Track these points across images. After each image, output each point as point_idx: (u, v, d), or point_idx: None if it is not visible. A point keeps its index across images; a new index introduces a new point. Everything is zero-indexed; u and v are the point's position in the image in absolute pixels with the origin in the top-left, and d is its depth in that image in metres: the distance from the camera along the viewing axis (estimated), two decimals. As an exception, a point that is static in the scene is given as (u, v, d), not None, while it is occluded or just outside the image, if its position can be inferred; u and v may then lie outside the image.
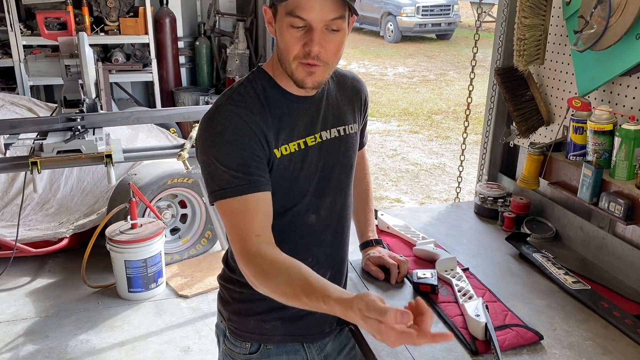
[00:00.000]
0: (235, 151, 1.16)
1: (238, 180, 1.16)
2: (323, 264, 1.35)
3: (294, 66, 1.17)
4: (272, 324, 1.33)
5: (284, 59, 1.18)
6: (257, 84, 1.24)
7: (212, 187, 1.19)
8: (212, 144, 1.17)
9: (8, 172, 3.46)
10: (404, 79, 10.25)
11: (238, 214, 1.17)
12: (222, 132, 1.16)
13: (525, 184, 1.85)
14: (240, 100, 1.20)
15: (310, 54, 1.14)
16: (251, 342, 1.35)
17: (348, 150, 1.36)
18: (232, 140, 1.16)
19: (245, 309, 1.34)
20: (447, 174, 5.71)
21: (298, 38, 1.14)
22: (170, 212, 3.58)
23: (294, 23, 1.13)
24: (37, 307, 3.19)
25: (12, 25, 4.61)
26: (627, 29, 1.46)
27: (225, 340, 1.38)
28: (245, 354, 1.35)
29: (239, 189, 1.16)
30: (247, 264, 1.16)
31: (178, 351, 2.85)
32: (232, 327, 1.36)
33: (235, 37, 5.48)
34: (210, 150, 1.17)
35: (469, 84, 2.19)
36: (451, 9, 13.84)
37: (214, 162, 1.17)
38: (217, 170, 1.17)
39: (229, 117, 1.17)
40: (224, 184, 1.16)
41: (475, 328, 1.32)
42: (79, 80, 3.05)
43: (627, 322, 1.39)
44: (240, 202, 1.16)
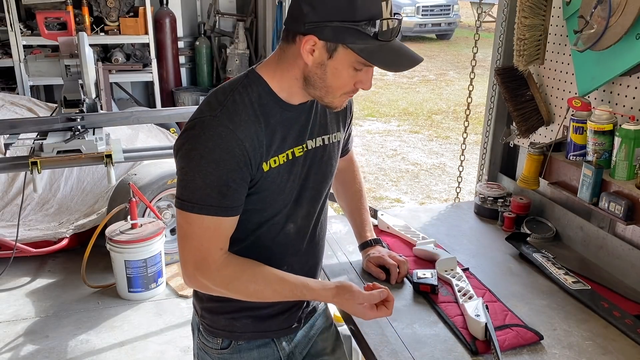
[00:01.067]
0: (220, 172, 1.13)
1: (213, 200, 1.15)
2: (297, 270, 1.34)
3: (337, 97, 1.19)
4: (242, 321, 1.35)
5: (324, 90, 1.18)
6: (253, 91, 1.20)
7: (184, 196, 1.16)
8: (198, 157, 1.13)
9: (8, 172, 3.46)
10: (404, 79, 10.25)
11: (205, 230, 1.17)
12: (213, 148, 1.13)
13: (525, 184, 1.85)
14: (235, 111, 1.16)
15: (358, 90, 1.20)
16: (222, 338, 1.37)
17: (330, 159, 1.36)
18: (220, 160, 1.13)
19: (216, 307, 1.35)
20: (447, 174, 5.71)
21: (354, 77, 1.16)
22: (170, 212, 3.58)
23: (359, 68, 1.15)
24: (37, 307, 3.19)
25: (12, 25, 4.61)
26: (627, 29, 1.46)
27: (199, 335, 1.41)
28: (217, 349, 1.37)
29: (212, 210, 1.15)
30: (209, 276, 1.20)
31: (178, 351, 2.85)
32: (205, 323, 1.38)
33: (235, 37, 5.49)
34: (195, 162, 1.14)
35: (469, 84, 2.19)
36: (451, 9, 13.85)
37: (194, 174, 1.14)
38: (194, 183, 1.15)
39: (222, 135, 1.13)
40: (197, 199, 1.15)
41: (475, 328, 1.32)
42: (79, 80, 3.05)
43: (627, 322, 1.39)
44: (209, 221, 1.16)
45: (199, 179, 1.14)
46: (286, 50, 1.18)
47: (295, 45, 1.15)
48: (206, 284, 1.22)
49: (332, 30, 1.09)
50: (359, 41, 1.10)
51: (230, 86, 1.21)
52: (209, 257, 1.19)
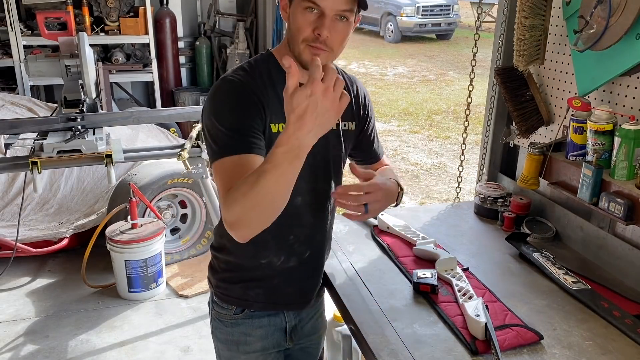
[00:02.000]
0: (235, 116, 1.25)
1: (234, 141, 1.23)
2: (303, 242, 1.45)
3: (302, 47, 1.27)
4: (255, 291, 1.46)
5: (294, 40, 1.28)
6: (263, 65, 1.34)
7: (213, 149, 1.26)
8: (215, 110, 1.27)
9: (8, 172, 3.47)
10: (404, 79, 10.25)
11: (231, 169, 1.22)
12: (225, 98, 1.27)
13: (525, 184, 1.85)
14: (244, 74, 1.31)
15: (319, 38, 1.24)
16: (236, 306, 1.48)
17: (339, 144, 1.45)
18: (234, 106, 1.26)
19: (231, 277, 1.47)
20: (447, 174, 5.71)
21: (310, 22, 1.24)
22: (171, 212, 3.59)
23: (306, 5, 1.23)
24: (37, 307, 3.19)
25: (12, 25, 4.61)
26: (627, 29, 1.46)
27: (213, 305, 1.52)
28: (231, 314, 1.48)
29: (234, 148, 1.23)
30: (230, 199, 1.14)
31: (178, 351, 2.85)
32: (219, 292, 1.49)
33: (236, 37, 5.49)
34: (213, 115, 1.26)
35: (469, 84, 2.19)
36: (451, 9, 13.84)
37: (215, 125, 1.25)
38: (218, 133, 1.25)
39: (233, 85, 1.28)
40: (222, 145, 1.24)
41: (475, 328, 1.32)
42: (79, 80, 3.05)
43: (627, 322, 1.39)
44: (234, 159, 1.22)
45: (221, 128, 1.24)
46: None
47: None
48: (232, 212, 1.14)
49: None
50: None
51: (245, 62, 1.37)
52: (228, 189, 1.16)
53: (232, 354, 1.52)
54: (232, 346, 1.51)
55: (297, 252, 1.46)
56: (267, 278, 1.45)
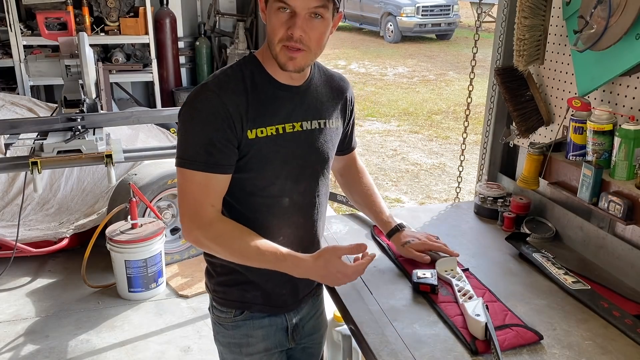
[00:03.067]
0: (206, 131, 1.27)
1: (201, 157, 1.28)
2: (293, 243, 1.43)
3: (278, 49, 1.28)
4: (252, 293, 1.46)
5: (270, 41, 1.29)
6: (246, 69, 1.34)
7: (180, 154, 1.32)
8: (190, 118, 1.30)
9: (8, 172, 3.47)
10: (404, 79, 10.25)
11: (197, 185, 1.31)
12: (201, 110, 1.28)
13: (525, 184, 1.85)
14: (225, 81, 1.31)
15: (293, 37, 1.24)
16: (235, 309, 1.48)
17: (327, 143, 1.45)
18: (207, 120, 1.27)
19: (228, 280, 1.46)
20: (447, 174, 5.71)
21: (283, 22, 1.25)
22: (171, 212, 3.58)
23: (279, 6, 1.24)
24: (37, 307, 3.19)
25: (13, 26, 4.61)
26: (627, 29, 1.46)
27: (213, 310, 1.52)
28: (231, 317, 1.48)
29: (201, 166, 1.29)
30: (201, 228, 1.32)
31: (178, 351, 2.85)
32: (217, 297, 1.49)
33: (236, 37, 5.49)
34: (187, 123, 1.30)
35: (469, 84, 2.19)
36: (451, 9, 13.85)
37: (187, 134, 1.30)
38: (187, 142, 1.31)
39: (209, 98, 1.28)
40: (189, 156, 1.30)
41: (475, 328, 1.32)
42: (79, 80, 3.06)
43: (627, 322, 1.39)
44: (200, 177, 1.30)
45: (190, 138, 1.30)
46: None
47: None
48: (199, 237, 1.33)
49: None
50: None
51: (228, 66, 1.37)
52: (201, 211, 1.31)
53: (235, 356, 1.52)
54: (234, 349, 1.51)
55: None
56: (261, 281, 1.44)
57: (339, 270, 1.33)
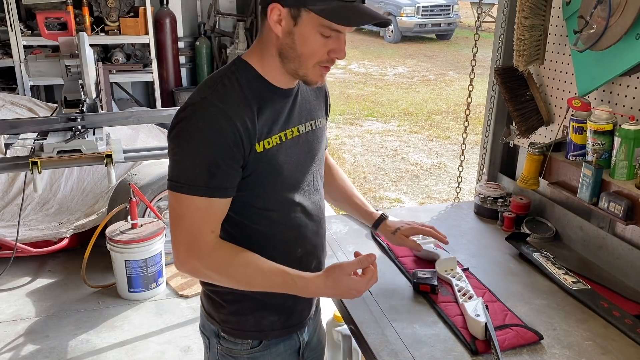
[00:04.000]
0: (210, 151, 1.15)
1: (201, 180, 1.16)
2: (311, 254, 1.38)
3: (310, 68, 1.20)
4: (269, 319, 1.35)
5: (297, 60, 1.19)
6: (241, 76, 1.22)
7: (174, 176, 1.19)
8: (188, 137, 1.15)
9: (8, 172, 3.47)
10: (404, 79, 10.25)
11: (196, 211, 1.18)
12: (202, 128, 1.14)
13: (525, 184, 1.85)
14: (225, 92, 1.18)
15: (335, 61, 1.20)
16: (252, 339, 1.36)
17: (320, 143, 1.40)
18: (210, 139, 1.14)
19: (241, 308, 1.34)
20: (447, 174, 5.71)
21: (324, 44, 1.17)
22: (171, 212, 3.58)
23: (326, 33, 1.16)
24: (37, 307, 3.19)
25: (13, 26, 4.61)
26: (627, 29, 1.46)
27: (220, 341, 1.38)
28: (247, 349, 1.36)
29: (201, 190, 1.17)
30: (201, 258, 1.21)
31: (178, 351, 2.85)
32: (229, 328, 1.36)
33: (236, 37, 5.49)
34: (185, 142, 1.16)
35: (469, 84, 2.19)
36: (451, 9, 13.85)
37: (184, 154, 1.17)
38: (184, 163, 1.17)
39: (213, 113, 1.15)
40: (186, 179, 1.17)
41: (475, 328, 1.32)
42: (79, 80, 3.05)
43: (627, 322, 1.39)
44: (199, 202, 1.18)
45: (188, 159, 1.16)
46: (263, 30, 1.22)
47: (267, 19, 1.19)
48: (197, 267, 1.23)
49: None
50: (320, 3, 1.12)
51: (218, 74, 1.23)
52: (200, 239, 1.20)
53: None
54: None
55: (306, 264, 1.37)
56: (281, 302, 1.34)
57: (351, 287, 1.25)
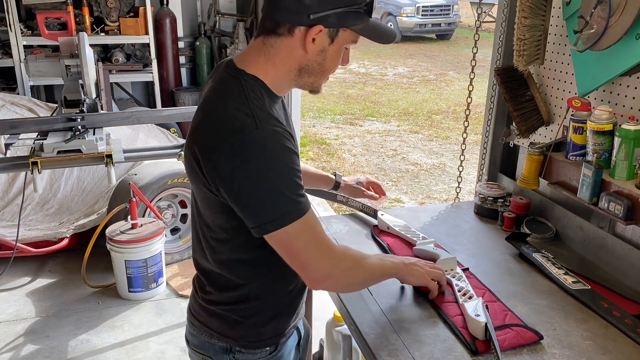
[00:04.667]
0: (290, 170, 1.13)
1: (301, 198, 1.15)
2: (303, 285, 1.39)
3: (324, 80, 1.27)
4: (284, 323, 1.37)
5: (319, 74, 1.24)
6: (257, 92, 1.19)
7: (278, 213, 1.13)
8: (267, 170, 1.11)
9: (8, 172, 3.46)
10: (404, 79, 10.25)
11: (313, 225, 1.18)
12: (280, 156, 1.12)
13: (525, 184, 1.85)
14: (267, 115, 1.15)
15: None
16: (270, 345, 1.36)
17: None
18: (287, 160, 1.13)
19: (261, 319, 1.34)
20: (447, 174, 5.71)
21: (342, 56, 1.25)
22: (171, 212, 3.58)
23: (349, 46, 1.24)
24: (37, 307, 3.19)
25: (13, 26, 4.61)
26: (627, 29, 1.46)
27: (235, 355, 1.36)
28: (266, 356, 1.36)
29: (304, 208, 1.15)
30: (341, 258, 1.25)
31: (178, 351, 2.85)
32: (247, 342, 1.35)
33: (236, 37, 5.49)
34: (269, 176, 1.11)
35: (469, 84, 2.19)
36: (451, 9, 13.85)
37: (275, 188, 1.12)
38: (280, 195, 1.12)
39: (277, 139, 1.13)
40: (291, 207, 1.13)
41: (475, 328, 1.32)
42: (79, 80, 3.05)
43: (627, 322, 1.39)
44: (310, 216, 1.17)
45: (281, 188, 1.12)
46: (277, 44, 1.18)
47: (293, 37, 1.17)
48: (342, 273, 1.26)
49: (337, 17, 1.16)
50: (359, 22, 1.19)
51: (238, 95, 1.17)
52: (329, 244, 1.22)
53: None
54: None
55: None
56: (293, 302, 1.38)
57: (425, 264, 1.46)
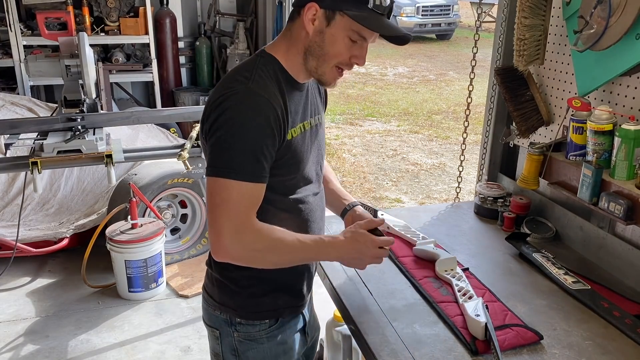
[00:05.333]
0: (258, 138, 1.20)
1: (249, 166, 1.21)
2: (318, 234, 1.44)
3: (328, 68, 1.29)
4: (283, 299, 1.41)
5: (321, 59, 1.28)
6: (269, 69, 1.29)
7: (221, 162, 1.21)
8: (239, 124, 1.20)
9: (8, 172, 3.46)
10: (404, 79, 10.25)
11: (243, 196, 1.22)
12: (253, 116, 1.20)
13: (525, 184, 1.85)
14: (264, 82, 1.25)
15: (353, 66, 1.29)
16: (269, 318, 1.41)
17: (324, 138, 1.50)
18: (259, 127, 1.20)
19: (257, 291, 1.39)
20: (447, 174, 5.71)
21: (349, 49, 1.27)
22: (171, 212, 3.58)
23: (354, 38, 1.25)
24: (37, 307, 3.19)
25: (13, 26, 4.61)
26: (627, 29, 1.46)
27: (236, 327, 1.41)
28: (266, 329, 1.41)
29: (248, 176, 1.21)
30: (249, 240, 1.24)
31: (178, 351, 2.85)
32: (246, 312, 1.40)
33: (236, 37, 5.49)
34: (235, 129, 1.20)
35: (469, 84, 2.19)
36: (451, 9, 13.84)
37: (233, 141, 1.19)
38: (233, 150, 1.20)
39: (260, 102, 1.21)
40: (235, 165, 1.20)
41: (475, 328, 1.32)
42: (79, 80, 3.05)
43: (627, 322, 1.39)
44: (246, 187, 1.21)
45: (239, 145, 1.20)
46: (292, 28, 1.30)
47: (300, 17, 1.27)
48: (244, 251, 1.25)
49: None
50: (355, 9, 1.22)
51: (249, 65, 1.29)
52: (247, 223, 1.23)
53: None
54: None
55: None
56: (293, 283, 1.43)
57: (371, 240, 1.35)
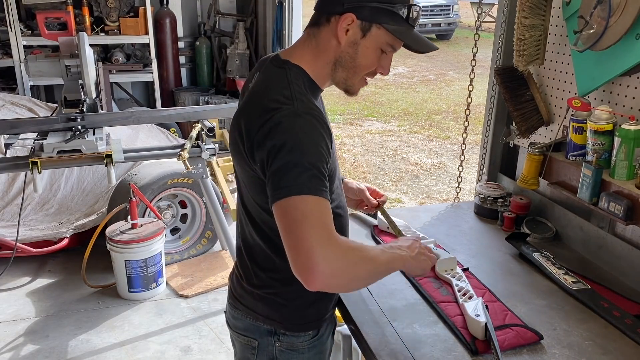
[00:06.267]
0: (318, 154, 1.15)
1: (318, 182, 1.15)
2: None
3: (357, 79, 1.29)
4: (325, 308, 1.41)
5: (352, 70, 1.27)
6: (300, 82, 1.24)
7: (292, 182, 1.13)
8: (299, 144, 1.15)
9: (8, 172, 3.47)
10: (404, 79, 10.25)
11: (322, 209, 1.15)
12: (311, 134, 1.16)
13: (525, 184, 1.85)
14: (307, 100, 1.20)
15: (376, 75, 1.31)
16: (312, 329, 1.40)
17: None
18: (318, 144, 1.16)
19: (303, 302, 1.37)
20: (447, 174, 5.71)
21: (377, 59, 1.28)
22: (171, 212, 3.59)
23: (386, 50, 1.26)
24: (37, 307, 3.19)
25: (13, 26, 4.61)
26: (627, 29, 1.46)
27: (280, 338, 1.38)
28: (309, 339, 1.40)
29: (319, 191, 1.14)
30: (340, 252, 1.14)
31: (178, 351, 2.85)
32: (292, 324, 1.38)
33: (236, 37, 5.49)
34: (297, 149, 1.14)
35: (469, 84, 2.19)
36: (451, 9, 13.84)
37: (298, 160, 1.13)
38: (300, 167, 1.14)
39: (312, 120, 1.17)
40: (306, 181, 1.13)
41: (475, 328, 1.32)
42: (79, 80, 3.05)
43: (627, 322, 1.39)
44: (322, 202, 1.15)
45: (305, 163, 1.13)
46: (318, 35, 1.26)
47: (330, 26, 1.24)
48: (337, 266, 1.13)
49: (370, 10, 1.20)
50: (392, 22, 1.22)
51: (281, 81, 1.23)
52: (332, 235, 1.15)
53: None
54: None
55: None
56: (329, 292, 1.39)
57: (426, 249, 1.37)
